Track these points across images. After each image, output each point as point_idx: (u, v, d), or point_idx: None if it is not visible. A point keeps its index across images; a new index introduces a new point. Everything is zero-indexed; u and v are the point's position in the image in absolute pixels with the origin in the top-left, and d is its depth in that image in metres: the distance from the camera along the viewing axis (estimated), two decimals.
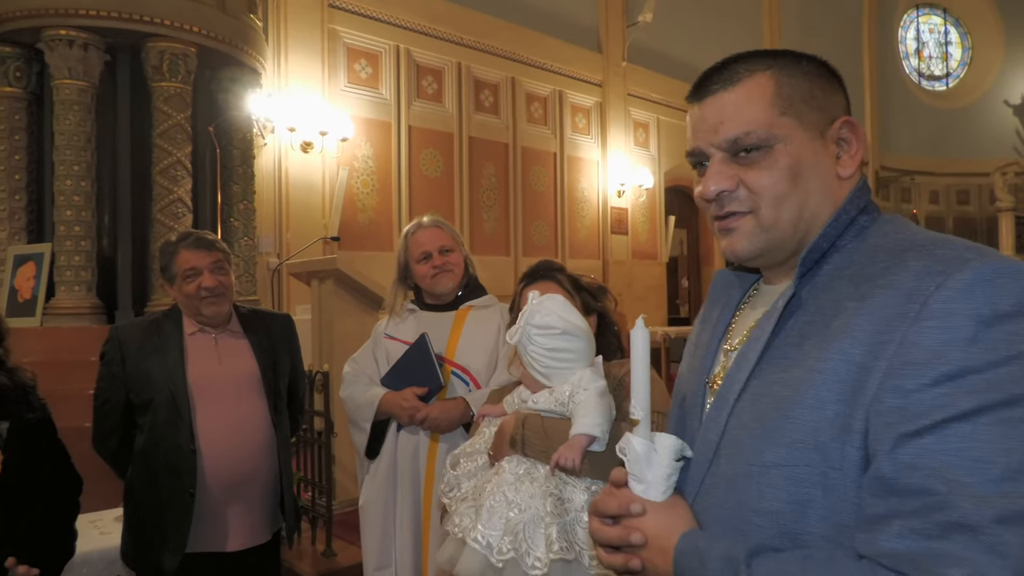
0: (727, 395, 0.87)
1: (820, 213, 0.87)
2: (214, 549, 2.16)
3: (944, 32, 17.65)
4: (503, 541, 1.39)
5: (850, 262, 0.83)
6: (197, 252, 2.21)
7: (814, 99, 0.87)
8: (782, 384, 0.80)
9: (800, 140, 0.85)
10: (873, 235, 0.85)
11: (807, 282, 0.85)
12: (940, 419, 0.67)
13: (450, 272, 2.33)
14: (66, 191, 4.66)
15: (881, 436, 0.70)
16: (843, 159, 0.88)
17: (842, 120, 0.88)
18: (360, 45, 7.45)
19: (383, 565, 2.29)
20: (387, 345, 2.39)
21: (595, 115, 9.94)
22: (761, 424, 0.81)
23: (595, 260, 9.92)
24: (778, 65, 0.88)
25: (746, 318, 0.97)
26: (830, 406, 0.75)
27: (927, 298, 0.71)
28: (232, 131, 5.51)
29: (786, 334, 0.84)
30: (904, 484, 0.68)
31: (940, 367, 0.69)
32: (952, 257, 0.74)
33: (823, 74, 0.90)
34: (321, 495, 3.61)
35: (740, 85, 0.87)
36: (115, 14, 4.65)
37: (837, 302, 0.80)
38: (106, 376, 2.22)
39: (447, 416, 2.20)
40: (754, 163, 0.85)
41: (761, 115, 0.85)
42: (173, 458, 2.11)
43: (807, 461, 0.76)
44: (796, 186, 0.85)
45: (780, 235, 0.87)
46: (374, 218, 7.46)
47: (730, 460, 0.84)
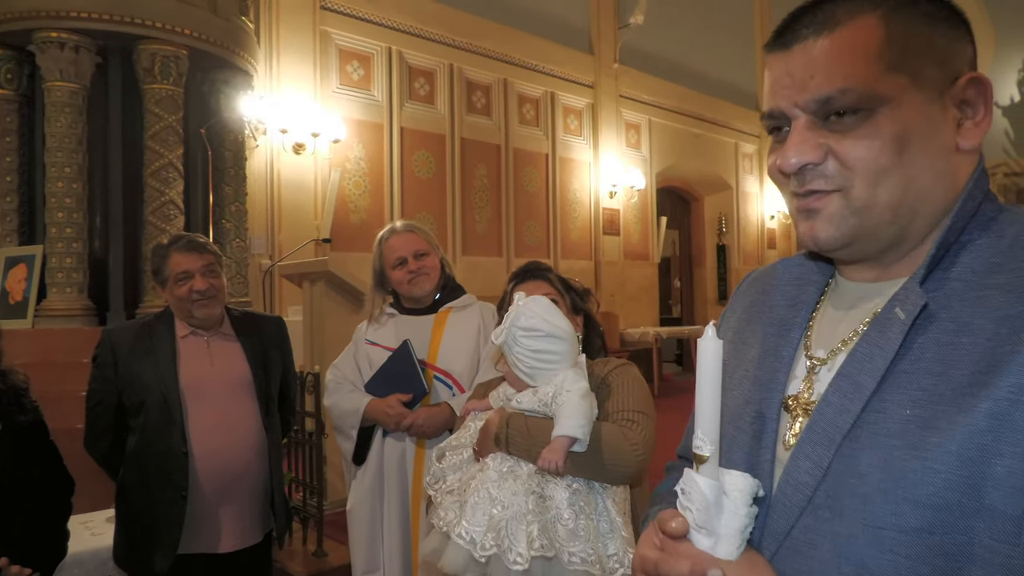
0: (828, 427, 0.69)
1: (932, 196, 0.70)
2: (206, 550, 2.17)
3: None
4: (486, 537, 1.40)
5: (992, 266, 0.67)
6: (189, 255, 2.22)
7: (934, 50, 0.69)
8: (922, 424, 0.63)
9: (912, 102, 0.68)
10: (1014, 230, 0.69)
11: (933, 287, 0.68)
12: None
13: (426, 276, 2.34)
14: (57, 193, 4.67)
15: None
16: (966, 127, 0.70)
17: (968, 77, 0.70)
18: (352, 47, 7.47)
19: (371, 569, 2.31)
20: (368, 351, 2.40)
21: (587, 116, 9.98)
22: (892, 475, 0.63)
23: (587, 261, 9.96)
24: (889, 4, 0.69)
25: (832, 323, 0.78)
26: (1000, 460, 0.58)
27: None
28: (224, 133, 5.53)
29: (916, 355, 0.66)
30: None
31: None
32: None
33: (948, 17, 0.71)
34: (312, 495, 3.64)
35: (839, 30, 0.69)
36: (106, 16, 4.67)
37: (996, 321, 0.63)
38: (98, 378, 2.23)
39: (433, 422, 2.22)
40: (849, 129, 0.69)
41: (864, 69, 0.67)
42: (165, 460, 2.12)
43: (963, 529, 0.59)
44: (902, 160, 0.68)
45: (875, 220, 0.70)
46: (366, 219, 7.48)
47: (839, 515, 0.66)
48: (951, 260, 0.69)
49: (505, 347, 1.60)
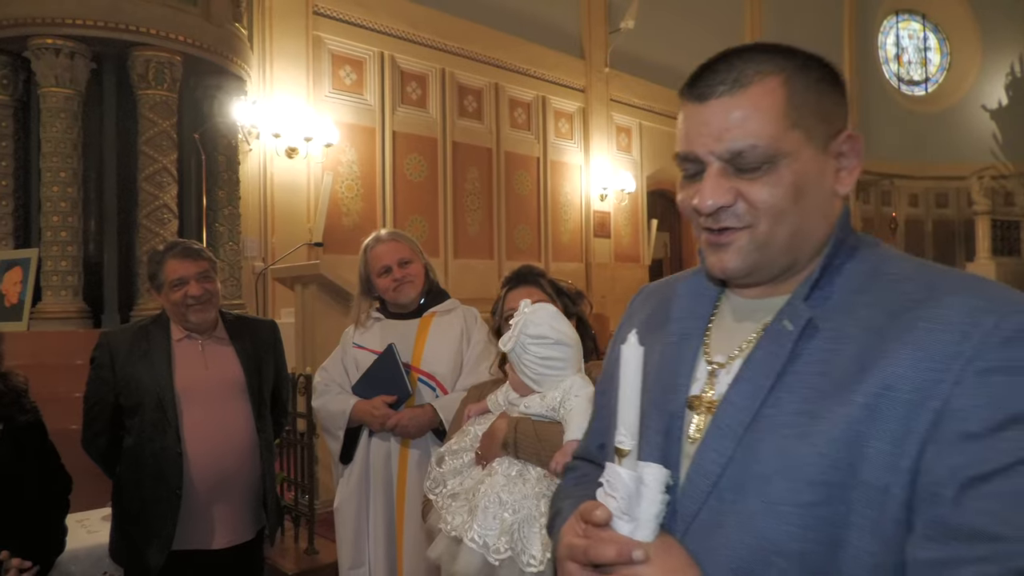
0: (732, 422, 0.79)
1: (815, 232, 0.82)
2: (199, 547, 2.24)
3: (923, 38, 17.94)
4: (500, 541, 1.43)
5: (860, 286, 0.79)
6: (184, 262, 2.28)
7: (823, 110, 0.80)
8: (811, 416, 0.74)
9: (806, 156, 0.79)
10: (871, 259, 0.82)
11: (815, 304, 0.80)
12: (1007, 463, 0.65)
13: (411, 283, 2.42)
14: (53, 197, 4.73)
15: (945, 479, 0.66)
16: (842, 175, 0.82)
17: (847, 134, 0.82)
18: (344, 52, 7.54)
19: (357, 564, 2.39)
20: (355, 354, 2.48)
21: (578, 120, 10.08)
22: (787, 459, 0.74)
23: (578, 263, 10.05)
24: (791, 69, 0.80)
25: (728, 333, 0.88)
26: (872, 443, 0.70)
27: (984, 338, 0.68)
28: (217, 138, 5.60)
29: (804, 360, 0.77)
30: (971, 529, 0.64)
31: (1004, 411, 0.66)
32: (1001, 297, 0.71)
33: (832, 82, 0.82)
34: (304, 494, 3.70)
35: (750, 90, 0.79)
36: (101, 23, 4.73)
37: (866, 331, 0.75)
38: (95, 380, 2.29)
39: (416, 423, 2.29)
40: (757, 177, 0.79)
41: (770, 128, 0.78)
42: (160, 459, 2.19)
43: (843, 500, 0.71)
44: (797, 204, 0.79)
45: (774, 253, 0.81)
46: (359, 222, 7.55)
47: (742, 496, 0.76)
48: (827, 281, 0.81)
49: (513, 354, 1.61)
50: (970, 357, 0.68)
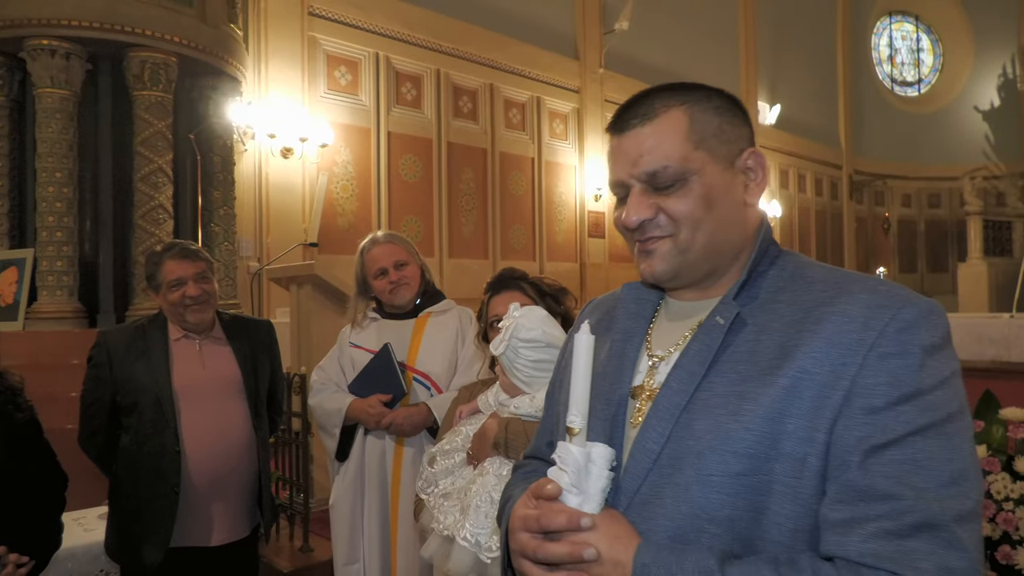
0: (670, 405, 0.89)
1: (731, 238, 0.94)
2: (196, 543, 2.26)
3: (916, 39, 18.04)
4: (492, 540, 1.44)
5: (780, 288, 0.91)
6: (182, 262, 2.30)
7: (723, 133, 0.93)
8: (739, 397, 0.84)
9: (712, 171, 0.91)
10: (790, 265, 0.94)
11: (743, 302, 0.91)
12: (903, 433, 0.76)
13: (406, 286, 2.45)
14: (48, 197, 4.74)
15: (852, 448, 0.77)
16: (750, 187, 0.95)
17: (749, 151, 0.95)
18: (340, 52, 7.57)
19: (352, 560, 2.42)
20: (352, 353, 2.51)
21: (572, 121, 10.11)
22: (718, 435, 0.83)
23: (573, 263, 10.09)
24: (691, 100, 0.93)
25: (668, 331, 0.99)
26: (791, 419, 0.80)
27: (883, 328, 0.80)
28: (213, 138, 5.61)
29: (733, 350, 0.88)
30: (875, 490, 0.75)
31: (901, 388, 0.78)
32: (895, 294, 0.84)
33: (731, 108, 0.95)
34: (299, 493, 3.73)
35: (657, 120, 0.92)
36: (96, 24, 4.74)
37: (785, 324, 0.86)
38: (93, 378, 2.30)
39: (410, 421, 2.33)
40: (672, 192, 0.91)
41: (677, 150, 0.90)
42: (158, 458, 2.20)
43: (766, 471, 0.80)
44: (710, 212, 0.91)
45: (694, 257, 0.93)
46: (354, 222, 7.57)
47: (679, 469, 0.85)
48: (754, 284, 0.93)
49: (504, 358, 1.65)
50: (872, 344, 0.80)
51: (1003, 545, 2.95)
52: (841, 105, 16.08)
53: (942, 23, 17.72)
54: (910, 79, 17.95)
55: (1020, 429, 3.15)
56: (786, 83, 14.52)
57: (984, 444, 3.23)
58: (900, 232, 16.96)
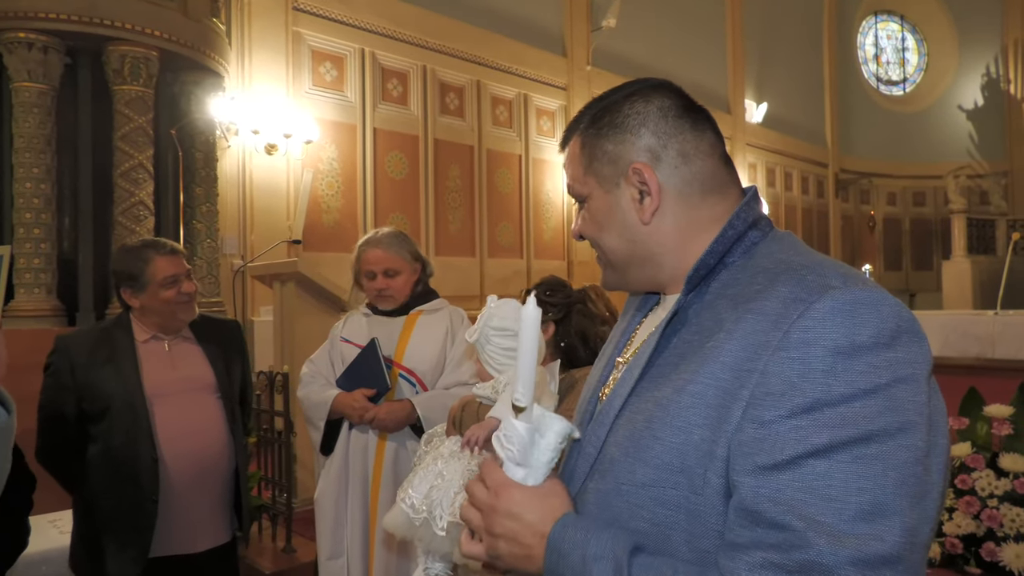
0: (609, 411, 0.87)
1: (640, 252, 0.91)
2: (175, 552, 2.18)
3: (901, 38, 18.17)
4: (422, 503, 1.55)
5: (734, 280, 0.82)
6: (174, 259, 2.25)
7: (605, 154, 0.91)
8: (655, 403, 0.80)
9: (597, 195, 0.92)
10: (761, 253, 0.84)
11: (695, 299, 0.85)
12: (796, 454, 0.66)
13: (391, 298, 2.47)
14: (26, 193, 4.66)
15: (741, 466, 0.70)
16: (644, 203, 0.88)
17: (632, 167, 0.88)
18: (325, 48, 7.50)
19: (335, 554, 2.41)
20: (342, 348, 2.51)
21: (560, 118, 10.09)
22: (633, 443, 0.80)
23: (560, 261, 10.07)
24: (585, 125, 0.94)
25: (643, 331, 0.97)
26: (696, 430, 0.74)
27: (789, 326, 0.70)
28: (195, 134, 5.55)
29: (668, 352, 0.83)
30: (764, 517, 0.67)
31: (795, 399, 0.67)
32: (817, 284, 0.72)
33: (618, 122, 0.90)
34: (281, 493, 3.69)
35: (569, 145, 0.97)
36: (75, 18, 4.66)
37: (715, 322, 0.79)
38: (53, 387, 2.19)
39: (393, 417, 2.32)
40: (580, 212, 0.97)
41: (575, 173, 0.95)
42: (134, 466, 2.11)
43: (673, 483, 0.75)
44: (603, 232, 0.93)
45: (623, 270, 0.94)
46: (339, 220, 7.51)
47: (603, 476, 0.84)
48: (712, 277, 0.85)
49: (478, 345, 1.73)
50: (776, 346, 0.70)
51: (988, 542, 2.97)
52: (827, 104, 16.17)
53: (927, 23, 17.86)
54: (895, 78, 18.08)
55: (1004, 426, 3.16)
56: (773, 81, 14.57)
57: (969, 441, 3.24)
58: (885, 230, 17.08)
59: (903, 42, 18.16)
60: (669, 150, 0.88)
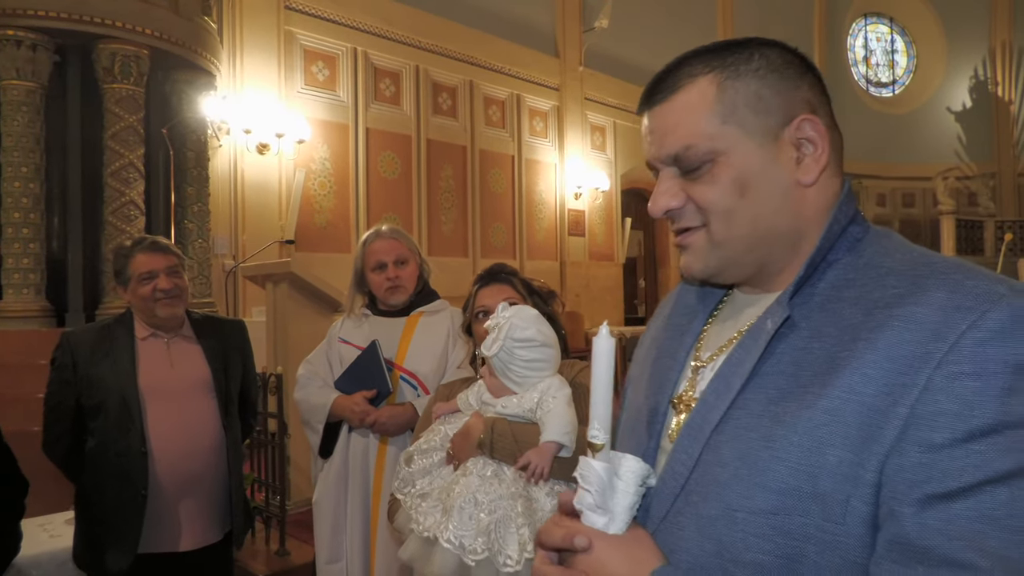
0: (702, 423, 0.76)
1: (779, 226, 0.78)
2: (166, 549, 2.20)
3: (891, 40, 18.28)
4: (476, 542, 1.42)
5: (848, 281, 0.74)
6: (153, 255, 2.24)
7: (761, 101, 0.77)
8: (773, 419, 0.70)
9: (745, 149, 0.76)
10: (871, 251, 0.76)
11: (800, 301, 0.75)
12: (975, 481, 0.59)
13: (402, 288, 2.41)
14: (14, 193, 4.61)
15: (903, 495, 0.61)
16: (805, 163, 0.77)
17: (800, 119, 0.77)
18: (317, 47, 7.46)
19: (334, 559, 2.38)
20: (340, 349, 2.46)
21: (552, 119, 10.09)
22: (746, 463, 0.70)
23: (553, 261, 10.07)
24: (723, 65, 0.78)
25: (719, 331, 0.86)
26: (832, 451, 0.65)
27: (958, 338, 0.62)
28: (186, 133, 5.50)
29: (777, 359, 0.74)
30: (935, 553, 0.59)
31: (973, 420, 0.60)
32: (983, 291, 0.65)
33: (779, 67, 0.78)
34: (275, 495, 3.66)
35: (681, 93, 0.79)
36: (64, 15, 4.62)
37: (841, 329, 0.70)
38: (57, 381, 2.23)
39: (395, 421, 2.28)
40: (699, 177, 0.78)
41: (701, 127, 0.77)
42: (124, 460, 2.14)
43: (802, 511, 0.66)
44: (745, 199, 0.77)
45: (734, 251, 0.79)
46: (331, 220, 7.47)
47: (704, 499, 0.73)
48: (819, 276, 0.76)
49: (497, 359, 1.59)
50: (941, 360, 0.63)
51: None
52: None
53: (916, 25, 17.98)
54: (885, 80, 18.18)
55: None
56: None
57: None
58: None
59: (892, 44, 18.27)
60: (823, 109, 0.79)
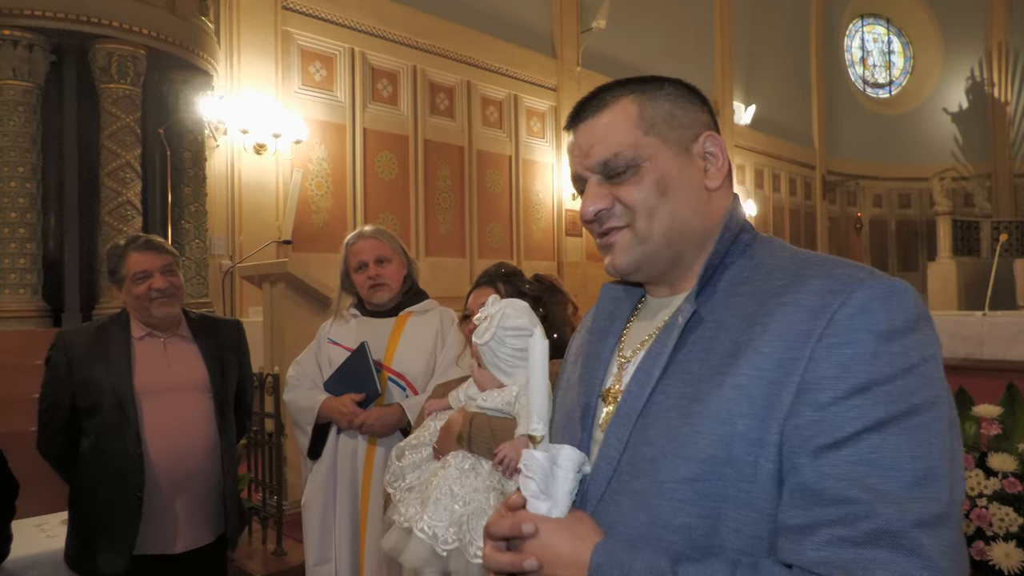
0: (628, 410, 0.87)
1: (692, 225, 0.91)
2: (160, 551, 2.18)
3: (887, 42, 18.32)
4: (448, 532, 1.46)
5: (744, 279, 0.86)
6: (147, 254, 2.23)
7: (675, 118, 0.91)
8: (690, 399, 0.81)
9: (665, 157, 0.89)
10: (760, 253, 0.89)
11: (704, 298, 0.87)
12: (854, 431, 0.71)
13: (385, 286, 2.41)
14: (10, 192, 4.61)
15: (800, 448, 0.73)
16: (710, 171, 0.92)
17: (705, 135, 0.92)
18: (314, 47, 7.46)
19: (323, 560, 2.38)
20: (329, 350, 2.47)
21: (550, 119, 10.09)
22: (671, 440, 0.81)
23: (550, 262, 10.08)
24: (641, 89, 0.92)
25: (638, 330, 0.97)
26: (741, 420, 0.76)
27: (832, 315, 0.75)
28: (183, 133, 5.50)
29: (688, 349, 0.85)
30: (828, 494, 0.70)
31: (850, 380, 0.72)
32: (850, 276, 0.78)
33: (684, 95, 0.93)
34: (271, 495, 3.66)
35: (607, 111, 0.91)
36: (61, 15, 4.62)
37: (741, 318, 0.82)
38: (51, 381, 2.22)
39: (382, 422, 2.29)
40: (625, 181, 0.89)
41: (627, 137, 0.89)
42: (119, 461, 2.13)
43: (719, 475, 0.77)
44: (665, 198, 0.89)
45: (655, 247, 0.90)
46: (328, 220, 7.47)
47: (636, 476, 0.83)
48: (717, 277, 0.89)
49: (487, 347, 1.62)
50: (821, 334, 0.75)
51: (977, 541, 2.99)
52: (814, 106, 16.28)
53: (912, 26, 18.01)
54: (881, 81, 18.22)
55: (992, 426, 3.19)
56: (761, 84, 14.65)
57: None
58: (872, 232, 17.21)
59: (889, 45, 18.31)
60: (718, 135, 0.93)
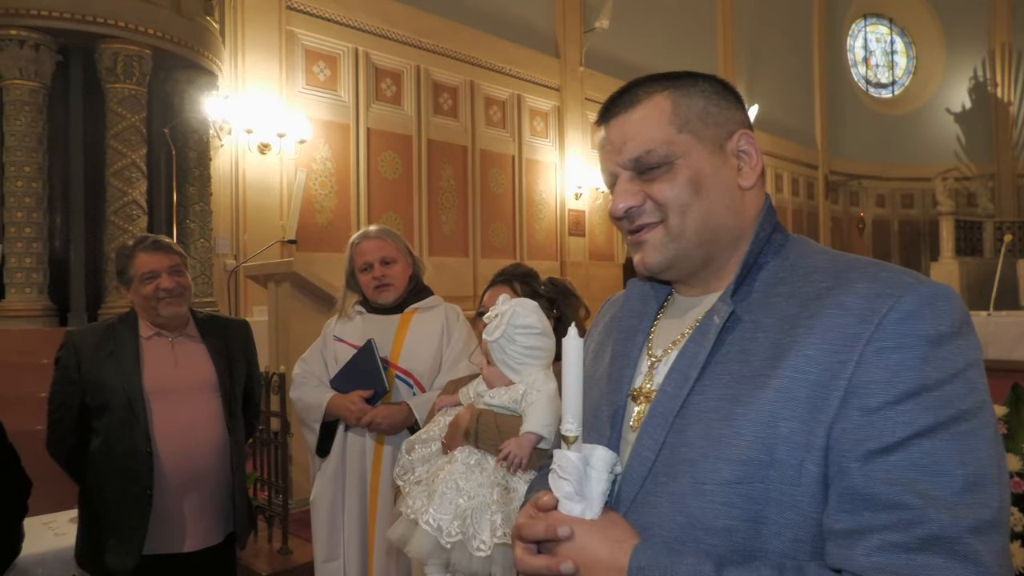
0: (664, 411, 0.85)
1: (725, 224, 0.90)
2: (169, 550, 2.19)
3: (890, 41, 18.29)
4: (452, 525, 1.48)
5: (779, 279, 0.86)
6: (155, 255, 2.25)
7: (709, 116, 0.90)
8: (731, 400, 0.80)
9: (699, 155, 0.89)
10: (795, 254, 0.89)
11: (740, 298, 0.87)
12: (905, 436, 0.71)
13: (391, 287, 2.43)
14: (17, 192, 4.62)
15: (849, 452, 0.72)
16: (744, 170, 0.91)
17: (740, 133, 0.91)
18: (318, 47, 7.47)
19: (332, 557, 2.39)
20: (335, 347, 2.47)
21: (553, 119, 10.10)
22: (711, 441, 0.80)
23: (553, 261, 10.08)
24: (675, 86, 0.91)
25: (667, 329, 0.96)
26: (785, 423, 0.76)
27: (881, 319, 0.74)
28: (188, 133, 5.52)
29: (727, 350, 0.84)
30: (878, 499, 0.70)
31: (900, 385, 0.72)
32: (896, 280, 0.77)
33: (719, 92, 0.93)
34: (277, 494, 3.66)
35: (640, 106, 0.91)
36: (67, 15, 4.63)
37: (781, 320, 0.82)
38: (61, 381, 2.23)
39: (390, 420, 2.30)
40: (657, 177, 0.89)
41: (660, 133, 0.89)
42: (129, 460, 2.14)
43: (762, 478, 0.76)
44: (699, 196, 0.88)
45: (687, 245, 0.89)
46: (332, 220, 7.48)
47: (673, 478, 0.82)
48: (752, 277, 0.89)
49: (497, 344, 1.64)
50: (869, 338, 0.74)
51: None
52: (817, 106, 16.27)
53: (915, 26, 17.99)
54: (884, 81, 18.20)
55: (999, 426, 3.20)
56: (764, 84, 14.64)
57: None
58: (874, 232, 17.19)
59: (892, 45, 18.29)
60: (752, 133, 0.93)
